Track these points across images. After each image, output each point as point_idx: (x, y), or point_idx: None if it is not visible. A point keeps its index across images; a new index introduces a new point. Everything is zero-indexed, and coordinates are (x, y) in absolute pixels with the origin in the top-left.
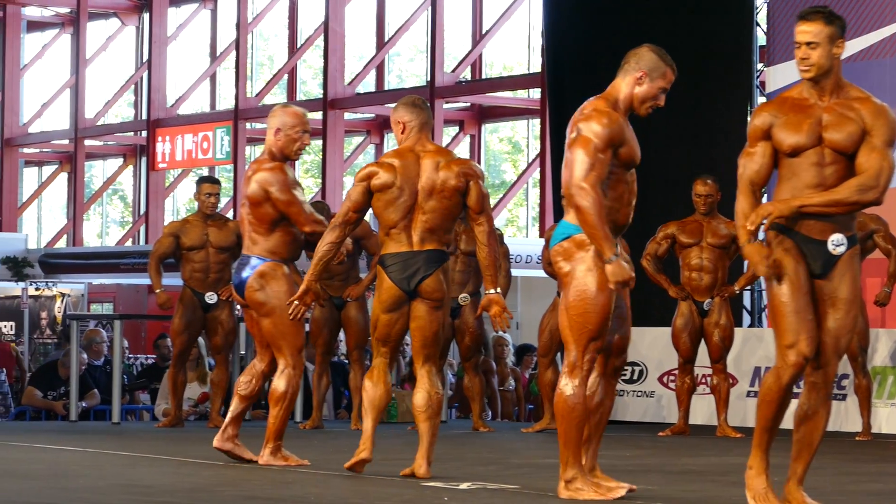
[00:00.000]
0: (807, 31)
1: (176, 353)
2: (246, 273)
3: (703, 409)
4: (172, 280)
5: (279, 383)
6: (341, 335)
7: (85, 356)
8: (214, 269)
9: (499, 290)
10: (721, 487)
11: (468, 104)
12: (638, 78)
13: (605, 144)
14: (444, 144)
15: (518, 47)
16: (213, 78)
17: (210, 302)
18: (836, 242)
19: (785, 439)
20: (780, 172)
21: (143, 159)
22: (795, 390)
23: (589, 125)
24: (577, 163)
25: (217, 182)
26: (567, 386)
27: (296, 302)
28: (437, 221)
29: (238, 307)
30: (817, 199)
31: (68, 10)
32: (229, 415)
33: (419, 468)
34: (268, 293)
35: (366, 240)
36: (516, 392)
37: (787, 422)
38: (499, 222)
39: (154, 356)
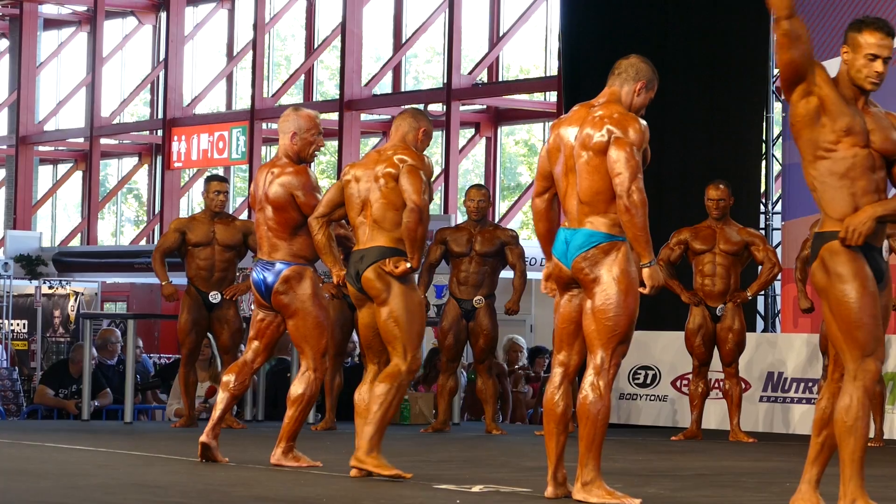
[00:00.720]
0: (886, 46)
1: (185, 352)
2: (272, 279)
3: (715, 414)
4: (177, 279)
5: (299, 385)
6: (354, 336)
7: (96, 354)
8: (219, 268)
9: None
10: (734, 492)
11: (484, 106)
12: (637, 89)
13: (641, 148)
14: (459, 146)
15: (535, 50)
16: (229, 78)
17: (213, 301)
18: (889, 248)
19: (799, 444)
20: (828, 178)
21: (159, 158)
22: (808, 395)
23: (627, 129)
24: (627, 166)
25: (225, 180)
26: (592, 389)
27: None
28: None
29: (244, 306)
30: (886, 206)
31: (85, 8)
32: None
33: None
34: (292, 297)
35: None
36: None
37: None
38: (514, 224)
39: (168, 356)
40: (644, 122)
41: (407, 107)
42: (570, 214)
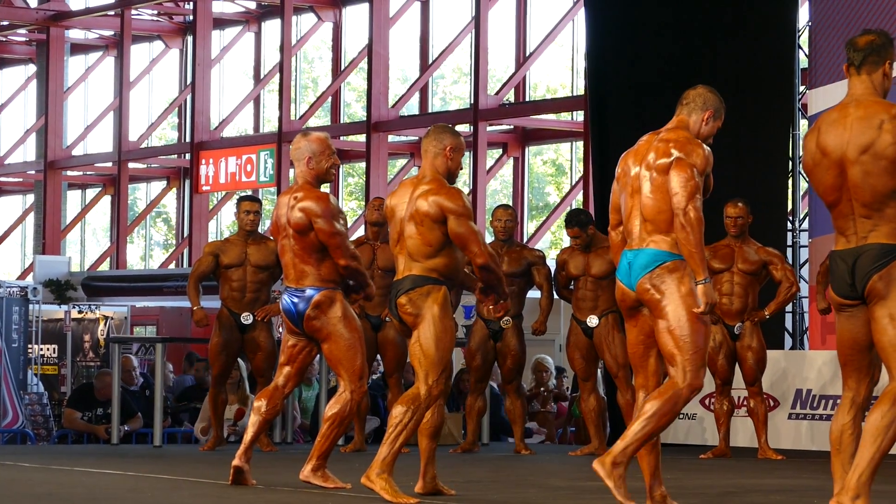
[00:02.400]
0: None
1: (215, 373)
2: (303, 306)
3: (744, 432)
4: (210, 303)
5: (335, 405)
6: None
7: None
8: (251, 289)
9: None
10: None
11: (511, 126)
12: (705, 118)
13: (703, 172)
14: (487, 167)
15: (562, 70)
16: (256, 100)
17: (246, 322)
18: None
19: (828, 461)
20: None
21: (187, 182)
22: (822, 411)
23: (690, 152)
24: (686, 186)
25: (258, 201)
26: (668, 401)
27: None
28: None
29: (277, 329)
30: None
31: (112, 32)
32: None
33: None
34: (324, 321)
35: None
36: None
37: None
38: (542, 245)
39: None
40: (708, 149)
41: (432, 126)
42: (633, 235)
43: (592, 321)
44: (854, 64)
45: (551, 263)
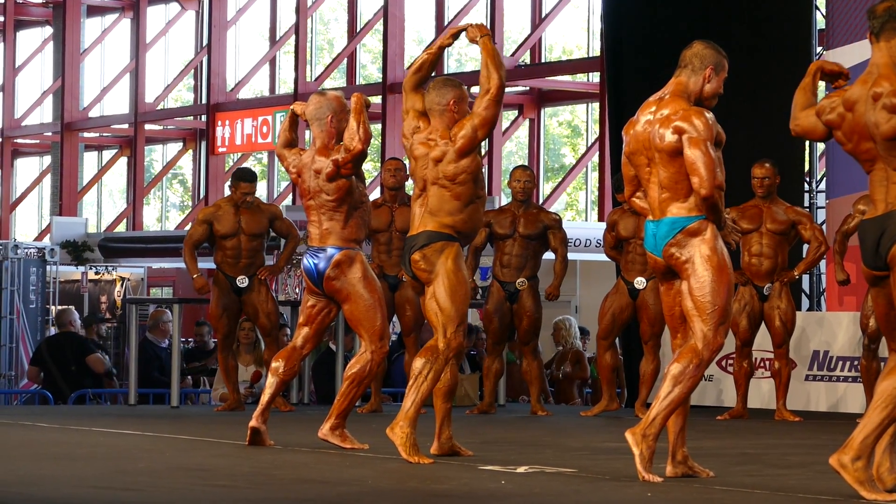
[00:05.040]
0: None
1: (220, 337)
2: (323, 265)
3: (761, 393)
4: (203, 264)
5: (356, 364)
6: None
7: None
8: (246, 255)
9: None
10: (780, 471)
11: (527, 88)
12: (706, 76)
13: (714, 140)
14: (503, 128)
15: (578, 31)
16: (272, 62)
17: (241, 286)
18: None
19: (845, 422)
20: None
21: (203, 143)
22: (854, 374)
23: (696, 126)
24: (704, 164)
25: (255, 180)
26: (690, 362)
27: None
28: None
29: (288, 290)
30: None
31: None
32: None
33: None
34: (343, 281)
35: None
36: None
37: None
38: (558, 206)
39: (193, 340)
40: (710, 115)
41: (431, 82)
42: (653, 205)
43: (640, 283)
44: (874, 32)
45: (566, 224)
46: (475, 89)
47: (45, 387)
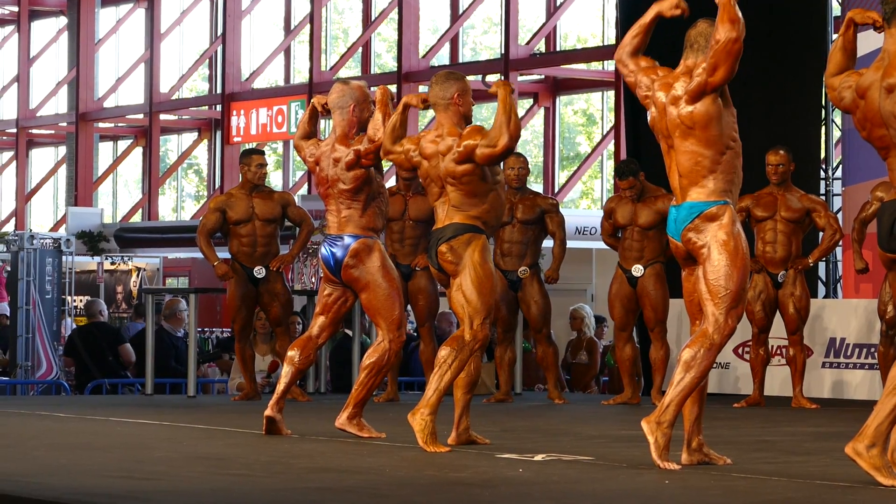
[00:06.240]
0: None
1: (237, 328)
2: (340, 253)
3: (777, 381)
4: (220, 254)
5: (373, 353)
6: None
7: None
8: (262, 242)
9: None
10: (797, 458)
11: (542, 76)
12: None
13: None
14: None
15: (592, 19)
16: (287, 51)
17: (259, 276)
18: None
19: (861, 410)
20: None
21: (218, 133)
22: (870, 361)
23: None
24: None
25: (264, 153)
26: (701, 347)
27: None
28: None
29: (304, 279)
30: None
31: None
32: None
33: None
34: (361, 270)
35: None
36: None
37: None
38: (573, 195)
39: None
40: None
41: (434, 77)
42: (675, 191)
43: (638, 270)
44: (886, 18)
45: (581, 212)
46: (490, 77)
47: (77, 377)
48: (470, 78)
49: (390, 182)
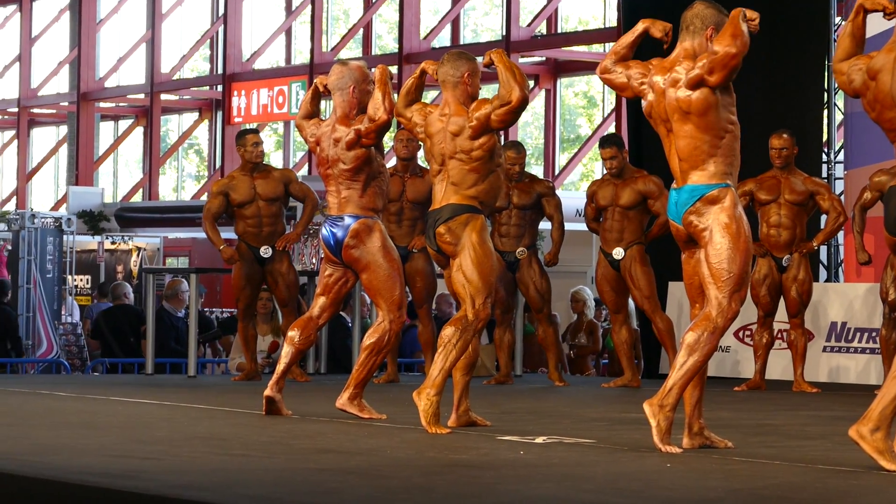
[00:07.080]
0: None
1: (241, 307)
2: (341, 234)
3: (778, 364)
4: (225, 234)
5: (373, 334)
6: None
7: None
8: (267, 223)
9: None
10: (798, 442)
11: (543, 58)
12: (709, 35)
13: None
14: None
15: (594, 1)
16: (288, 32)
17: (265, 256)
18: None
19: (863, 394)
20: None
21: (219, 114)
22: (871, 345)
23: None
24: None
25: (258, 131)
26: (704, 330)
27: None
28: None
29: (305, 259)
30: None
31: None
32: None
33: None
34: (362, 250)
35: None
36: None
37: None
38: (573, 177)
39: (231, 311)
40: None
41: (445, 55)
42: (675, 174)
43: (618, 253)
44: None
45: (581, 195)
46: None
47: (103, 358)
48: None
49: (389, 164)
